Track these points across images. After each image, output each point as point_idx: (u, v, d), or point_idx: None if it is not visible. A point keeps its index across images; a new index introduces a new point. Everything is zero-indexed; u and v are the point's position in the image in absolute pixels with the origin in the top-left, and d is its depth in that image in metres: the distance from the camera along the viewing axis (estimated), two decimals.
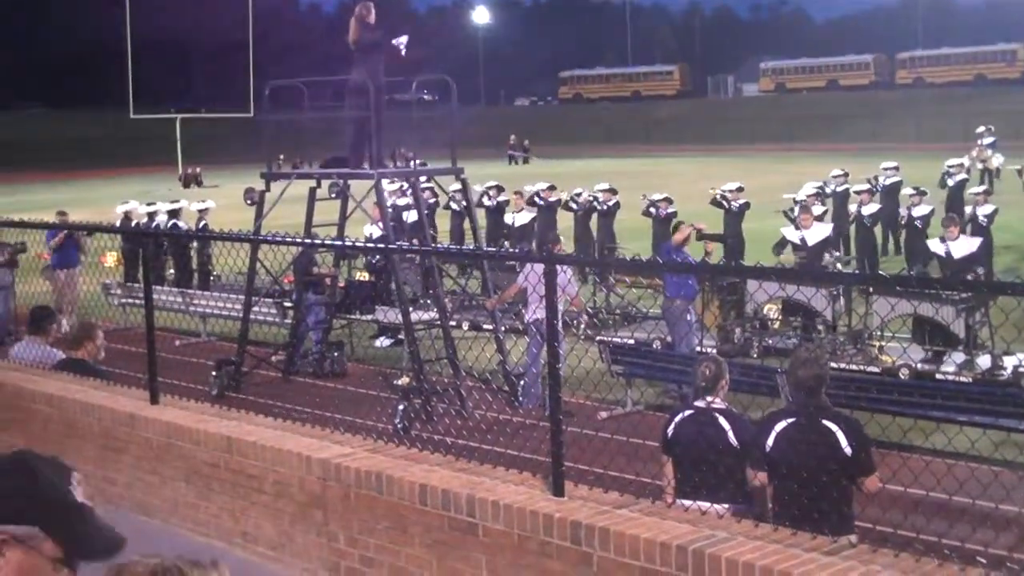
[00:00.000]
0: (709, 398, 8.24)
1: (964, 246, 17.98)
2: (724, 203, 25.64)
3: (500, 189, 28.88)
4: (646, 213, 26.23)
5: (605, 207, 27.09)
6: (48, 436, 10.09)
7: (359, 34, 15.91)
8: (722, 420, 8.09)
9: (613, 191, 27.51)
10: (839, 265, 18.76)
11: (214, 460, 8.63)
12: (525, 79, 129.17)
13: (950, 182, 29.24)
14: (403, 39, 15.86)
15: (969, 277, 15.65)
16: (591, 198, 27.62)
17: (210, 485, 8.70)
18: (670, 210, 25.62)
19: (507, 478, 7.15)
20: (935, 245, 18.48)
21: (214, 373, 16.14)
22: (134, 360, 15.39)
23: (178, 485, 9.00)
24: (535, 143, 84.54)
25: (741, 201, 25.66)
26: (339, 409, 13.04)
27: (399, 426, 13.40)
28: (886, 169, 29.60)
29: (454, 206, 27.60)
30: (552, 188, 29.03)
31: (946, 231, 18.48)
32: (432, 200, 26.04)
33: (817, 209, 22.31)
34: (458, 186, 20.59)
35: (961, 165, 30.37)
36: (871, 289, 16.58)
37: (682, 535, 5.99)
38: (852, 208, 25.96)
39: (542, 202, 28.32)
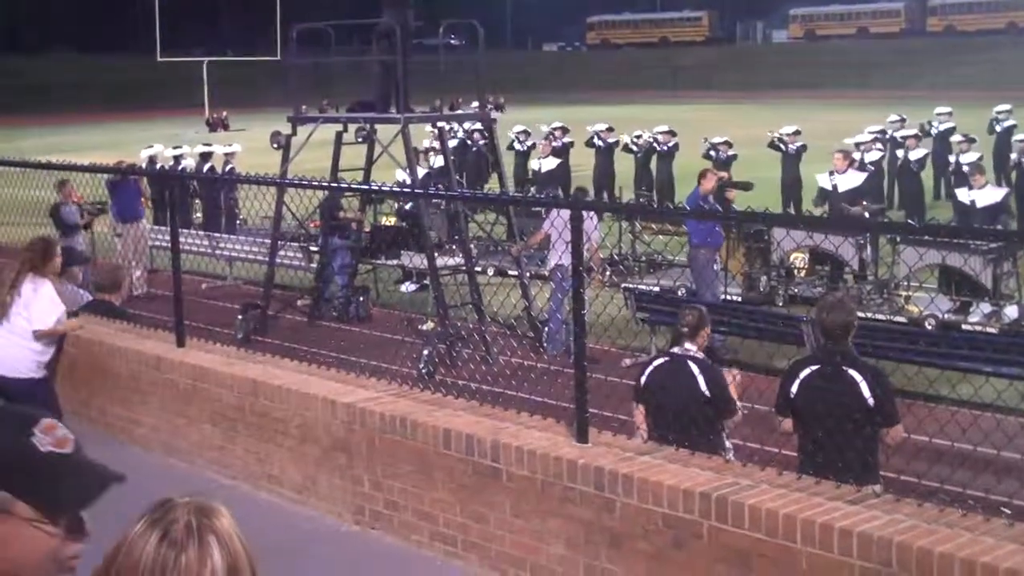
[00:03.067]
0: (687, 345, 8.18)
1: (989, 195, 17.83)
2: (781, 146, 25.82)
3: (565, 130, 29.50)
4: (706, 156, 26.25)
5: (664, 148, 27.39)
6: (75, 378, 10.16)
7: None
8: (694, 368, 8.02)
9: (672, 133, 27.76)
10: (866, 215, 18.61)
11: (240, 403, 8.67)
12: (553, 24, 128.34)
13: (998, 128, 28.91)
14: None
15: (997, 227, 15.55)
16: (651, 139, 27.87)
17: (235, 428, 8.76)
18: (730, 152, 25.91)
19: (531, 424, 7.17)
20: (962, 194, 18.33)
21: (240, 317, 16.17)
22: (161, 303, 15.48)
23: (204, 427, 9.06)
24: (561, 89, 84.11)
25: (798, 144, 25.72)
26: (364, 354, 13.07)
27: (424, 371, 13.42)
28: (939, 114, 29.40)
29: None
30: (610, 129, 29.38)
31: (972, 179, 18.32)
32: (482, 142, 26.28)
33: (871, 155, 22.87)
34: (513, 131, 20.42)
35: (1010, 111, 30.03)
36: (898, 238, 16.50)
37: (705, 482, 6.00)
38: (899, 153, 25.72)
39: (601, 143, 28.76)
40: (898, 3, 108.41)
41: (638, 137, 28.36)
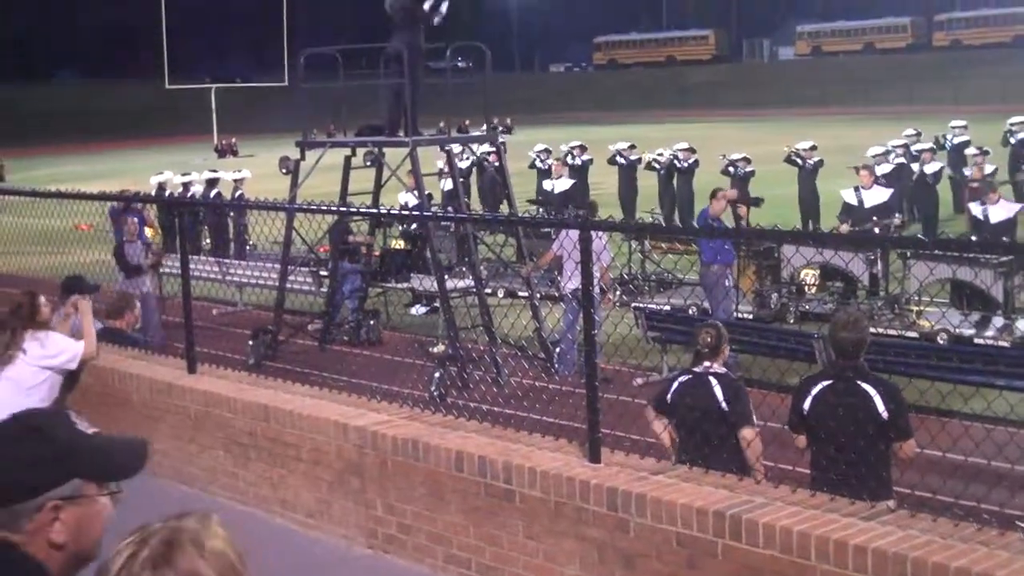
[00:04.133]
0: (707, 363, 8.25)
1: (1002, 211, 17.79)
2: (798, 160, 25.98)
3: (583, 148, 30.25)
4: (725, 172, 26.57)
5: (685, 165, 27.76)
6: (87, 405, 10.16)
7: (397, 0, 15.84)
8: (715, 385, 8.09)
9: (692, 150, 28.16)
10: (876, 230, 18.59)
11: (251, 428, 8.67)
12: (560, 45, 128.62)
13: (1012, 140, 28.87)
14: (444, 6, 15.76)
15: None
16: (672, 157, 28.25)
17: (248, 453, 8.75)
18: (748, 169, 26.15)
19: (543, 445, 7.16)
20: (975, 208, 18.29)
21: (251, 342, 16.18)
22: (172, 330, 15.49)
23: (216, 453, 9.06)
24: (570, 109, 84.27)
25: (815, 159, 25.87)
26: (375, 377, 13.07)
27: (435, 394, 13.41)
28: (954, 127, 29.44)
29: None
30: (632, 147, 29.99)
31: (985, 195, 18.29)
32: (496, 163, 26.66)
33: (882, 168, 22.85)
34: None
35: None
36: (908, 253, 16.48)
37: (719, 500, 5.98)
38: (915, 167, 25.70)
39: (624, 161, 29.33)
40: (904, 18, 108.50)
41: (660, 155, 28.80)
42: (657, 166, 28.64)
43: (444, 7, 15.79)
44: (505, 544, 6.93)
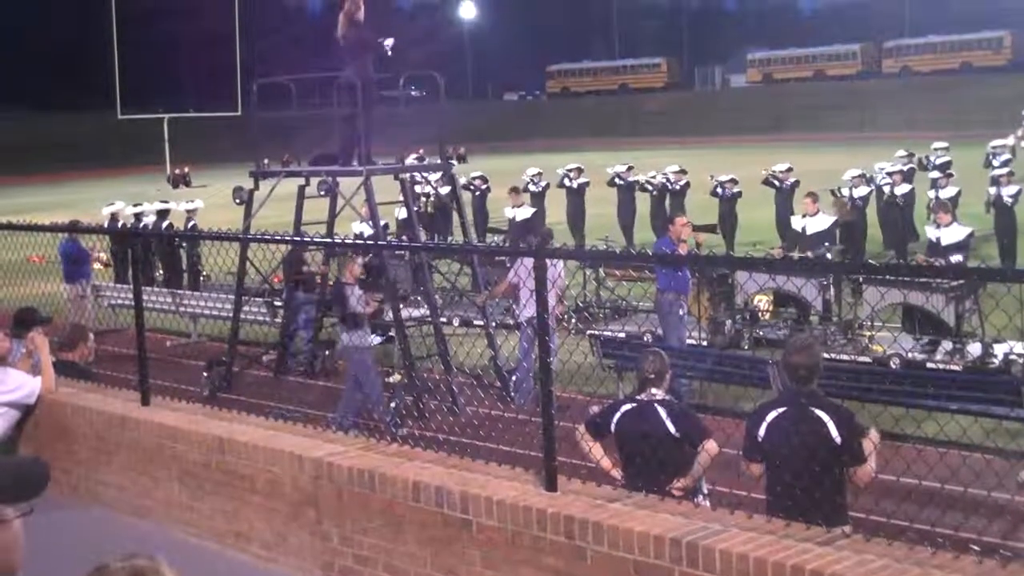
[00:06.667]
0: (652, 391, 8.34)
1: (954, 233, 17.94)
2: (775, 182, 26.73)
3: (580, 171, 30.94)
4: (713, 194, 27.59)
5: (677, 187, 28.75)
6: (40, 439, 10.07)
7: (348, 30, 15.88)
8: (662, 412, 8.19)
9: (683, 172, 29.24)
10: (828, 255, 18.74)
11: (206, 460, 8.61)
12: (512, 74, 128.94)
13: (995, 163, 29.12)
14: (389, 41, 15.81)
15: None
16: (664, 179, 29.24)
17: (203, 486, 8.69)
18: (735, 190, 27.14)
19: (500, 474, 7.15)
20: (930, 231, 18.44)
21: (205, 373, 16.12)
22: (124, 362, 15.39)
23: (171, 486, 8.99)
24: (523, 137, 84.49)
25: (791, 180, 26.51)
26: (330, 408, 13.03)
27: (391, 423, 13.39)
28: (936, 149, 29.78)
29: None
30: (630, 169, 30.89)
31: (936, 216, 18.44)
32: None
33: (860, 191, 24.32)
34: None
35: (1005, 146, 30.35)
36: (861, 278, 16.60)
37: (676, 527, 5.99)
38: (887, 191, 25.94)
39: (622, 182, 30.15)
40: (854, 45, 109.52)
41: (653, 177, 29.78)
42: (650, 187, 29.51)
43: (389, 42, 15.83)
44: (463, 574, 6.90)
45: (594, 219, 30.32)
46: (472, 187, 31.37)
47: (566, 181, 30.33)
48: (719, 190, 27.32)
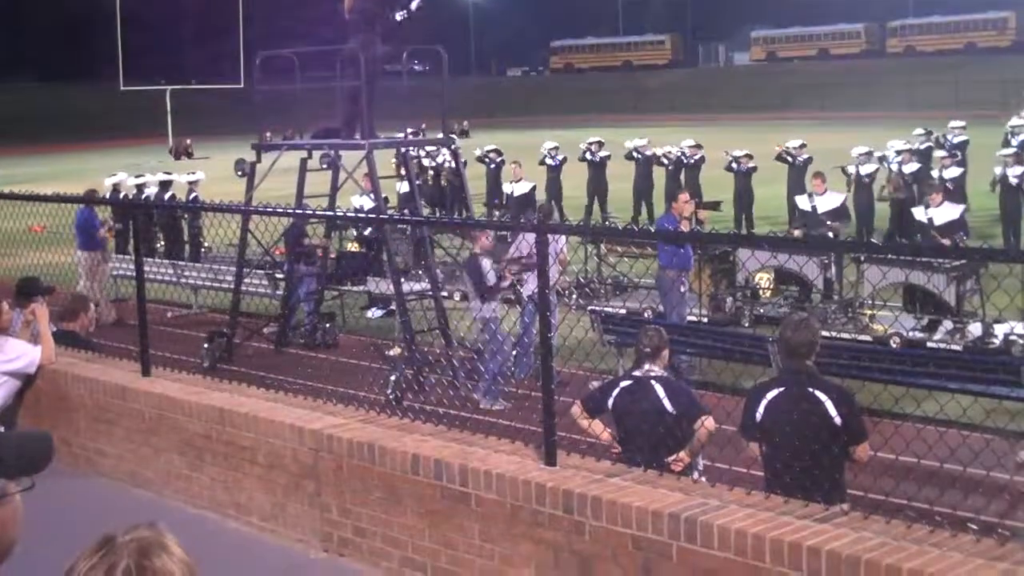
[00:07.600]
0: (647, 366, 8.34)
1: (946, 213, 17.89)
2: (789, 158, 26.71)
3: (601, 144, 30.86)
4: (728, 168, 27.58)
5: (691, 161, 28.91)
6: (40, 409, 10.08)
7: (353, 2, 15.80)
8: (659, 389, 8.18)
9: (699, 146, 29.37)
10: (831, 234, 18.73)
11: (206, 432, 8.63)
12: (516, 49, 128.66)
13: (1014, 142, 28.88)
14: (416, 2, 15.67)
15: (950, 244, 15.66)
16: (680, 153, 29.35)
17: (203, 457, 8.71)
18: (751, 165, 27.17)
19: (499, 448, 7.16)
20: (919, 212, 18.42)
21: (206, 345, 16.12)
22: (126, 332, 15.39)
23: (171, 457, 9.00)
24: (527, 113, 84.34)
25: (804, 156, 26.51)
26: (331, 380, 13.04)
27: (391, 397, 13.40)
28: (954, 127, 29.66)
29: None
30: (649, 142, 31.01)
31: (928, 197, 18.45)
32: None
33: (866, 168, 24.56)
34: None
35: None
36: (862, 257, 16.59)
37: (674, 503, 6.00)
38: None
39: (640, 156, 30.34)
40: (858, 25, 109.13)
41: (669, 152, 29.84)
42: (666, 162, 29.56)
43: (415, 4, 15.72)
44: (461, 547, 6.92)
45: (612, 193, 30.51)
46: (487, 160, 31.40)
47: (588, 155, 30.44)
48: (734, 165, 27.38)
